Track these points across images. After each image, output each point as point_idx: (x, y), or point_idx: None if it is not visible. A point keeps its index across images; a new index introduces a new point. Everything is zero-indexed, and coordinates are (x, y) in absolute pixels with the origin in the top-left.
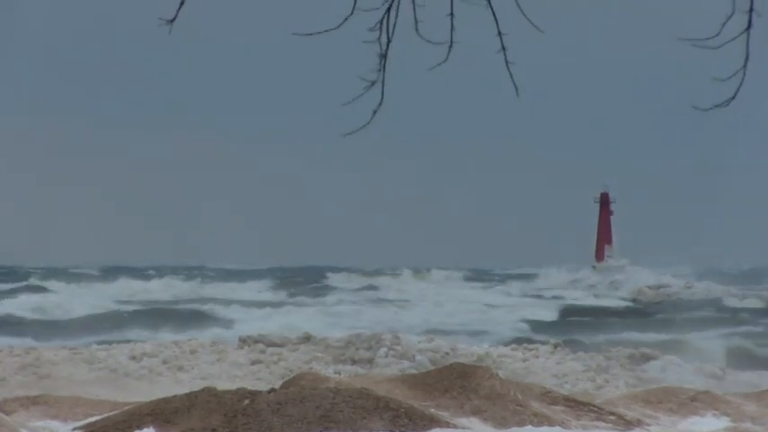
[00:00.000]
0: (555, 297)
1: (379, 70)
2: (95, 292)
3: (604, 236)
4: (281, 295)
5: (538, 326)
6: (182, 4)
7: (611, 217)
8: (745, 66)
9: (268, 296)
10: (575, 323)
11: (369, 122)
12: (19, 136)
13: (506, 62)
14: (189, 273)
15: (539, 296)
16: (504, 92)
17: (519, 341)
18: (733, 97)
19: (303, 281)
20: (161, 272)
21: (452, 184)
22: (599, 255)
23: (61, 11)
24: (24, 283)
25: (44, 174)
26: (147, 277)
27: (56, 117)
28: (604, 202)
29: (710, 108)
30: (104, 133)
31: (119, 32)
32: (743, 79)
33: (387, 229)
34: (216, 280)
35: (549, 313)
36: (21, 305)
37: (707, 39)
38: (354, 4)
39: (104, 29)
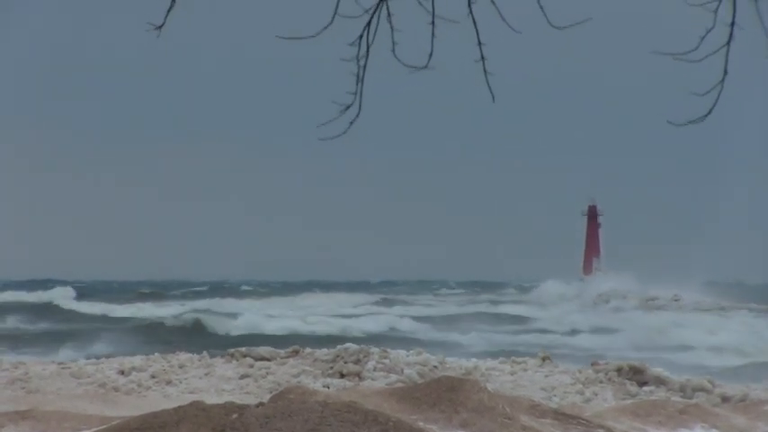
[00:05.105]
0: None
1: (355, 93)
2: None
3: (592, 248)
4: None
5: None
6: (169, 10)
7: (599, 230)
8: (722, 81)
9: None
10: None
11: (345, 132)
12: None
13: (485, 71)
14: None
15: None
16: (487, 104)
17: None
18: (709, 113)
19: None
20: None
21: (432, 193)
22: (587, 267)
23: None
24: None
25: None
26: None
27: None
28: (592, 214)
29: (685, 124)
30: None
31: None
32: (719, 94)
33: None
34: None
35: None
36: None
37: (686, 53)
38: (334, 14)
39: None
